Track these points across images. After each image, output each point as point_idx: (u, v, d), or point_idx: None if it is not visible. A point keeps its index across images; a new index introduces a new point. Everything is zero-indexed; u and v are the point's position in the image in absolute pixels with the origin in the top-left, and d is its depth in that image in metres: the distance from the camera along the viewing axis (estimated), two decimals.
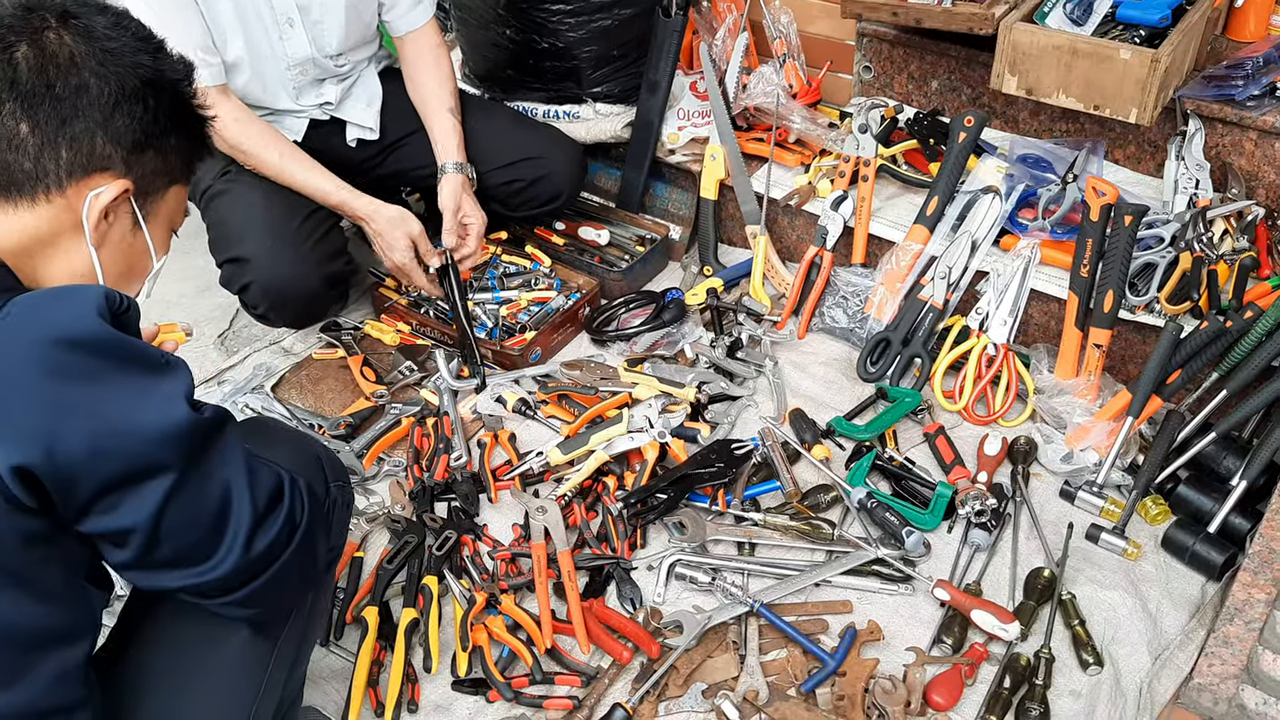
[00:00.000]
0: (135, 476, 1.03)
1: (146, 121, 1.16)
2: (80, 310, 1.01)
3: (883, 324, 2.40)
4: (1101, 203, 2.12)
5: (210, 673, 1.29)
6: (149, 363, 1.06)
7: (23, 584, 1.04)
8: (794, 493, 2.04)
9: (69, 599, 1.11)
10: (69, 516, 1.03)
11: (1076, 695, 1.75)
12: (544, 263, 2.64)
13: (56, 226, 1.14)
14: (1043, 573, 1.90)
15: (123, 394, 1.02)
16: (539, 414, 2.27)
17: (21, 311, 1.01)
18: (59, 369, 0.99)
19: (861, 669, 1.74)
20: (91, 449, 1.00)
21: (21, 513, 1.00)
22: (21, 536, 1.02)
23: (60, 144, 1.11)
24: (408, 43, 2.44)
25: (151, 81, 1.16)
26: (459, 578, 1.91)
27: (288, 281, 2.25)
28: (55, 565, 1.07)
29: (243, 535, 1.11)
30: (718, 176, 2.67)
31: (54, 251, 1.15)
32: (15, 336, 0.99)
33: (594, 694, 1.73)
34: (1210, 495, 1.99)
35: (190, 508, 1.07)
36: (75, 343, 1.00)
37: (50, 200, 1.12)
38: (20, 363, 0.98)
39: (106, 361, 1.02)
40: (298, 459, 1.38)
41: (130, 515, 1.04)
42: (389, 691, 1.71)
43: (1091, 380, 2.19)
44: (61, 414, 0.99)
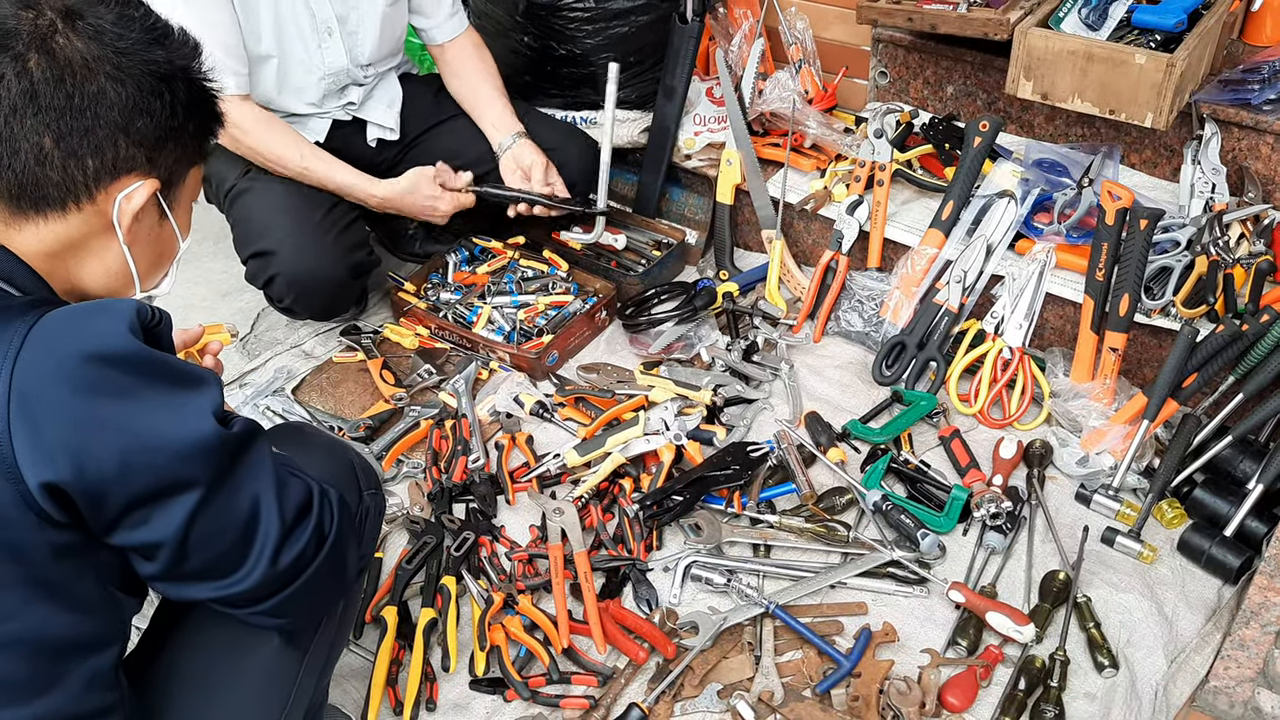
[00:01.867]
0: (163, 492, 1.04)
1: (165, 116, 1.15)
2: (112, 326, 1.01)
3: (898, 327, 2.40)
4: (1117, 206, 2.12)
5: (241, 680, 1.30)
6: (179, 378, 1.06)
7: (55, 595, 1.05)
8: (809, 495, 2.05)
9: (101, 608, 1.11)
10: (98, 530, 1.04)
11: (1091, 698, 1.75)
12: (561, 267, 2.66)
13: (87, 230, 1.14)
14: (1058, 575, 1.90)
15: (152, 410, 1.03)
16: (556, 416, 2.29)
17: (53, 326, 1.00)
18: (90, 385, 0.99)
19: (876, 670, 1.75)
20: (121, 465, 1.01)
21: (52, 526, 1.01)
22: (52, 549, 1.02)
23: (85, 154, 1.10)
24: (448, 50, 2.51)
25: (166, 76, 1.14)
26: (477, 578, 1.93)
27: (313, 272, 2.30)
28: (87, 576, 1.08)
29: (270, 548, 1.11)
30: (734, 181, 2.69)
31: (86, 254, 1.15)
32: (46, 352, 0.99)
33: (610, 694, 1.75)
34: (1227, 499, 1.99)
35: (218, 521, 1.08)
36: (106, 358, 1.00)
37: (81, 209, 1.12)
38: (51, 379, 0.98)
39: (137, 377, 1.02)
40: (332, 466, 1.39)
41: (158, 530, 1.05)
42: (408, 690, 1.73)
43: (1107, 384, 2.19)
44: (92, 431, 0.99)
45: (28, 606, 1.03)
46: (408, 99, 2.53)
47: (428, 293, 2.61)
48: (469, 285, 2.63)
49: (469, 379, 2.36)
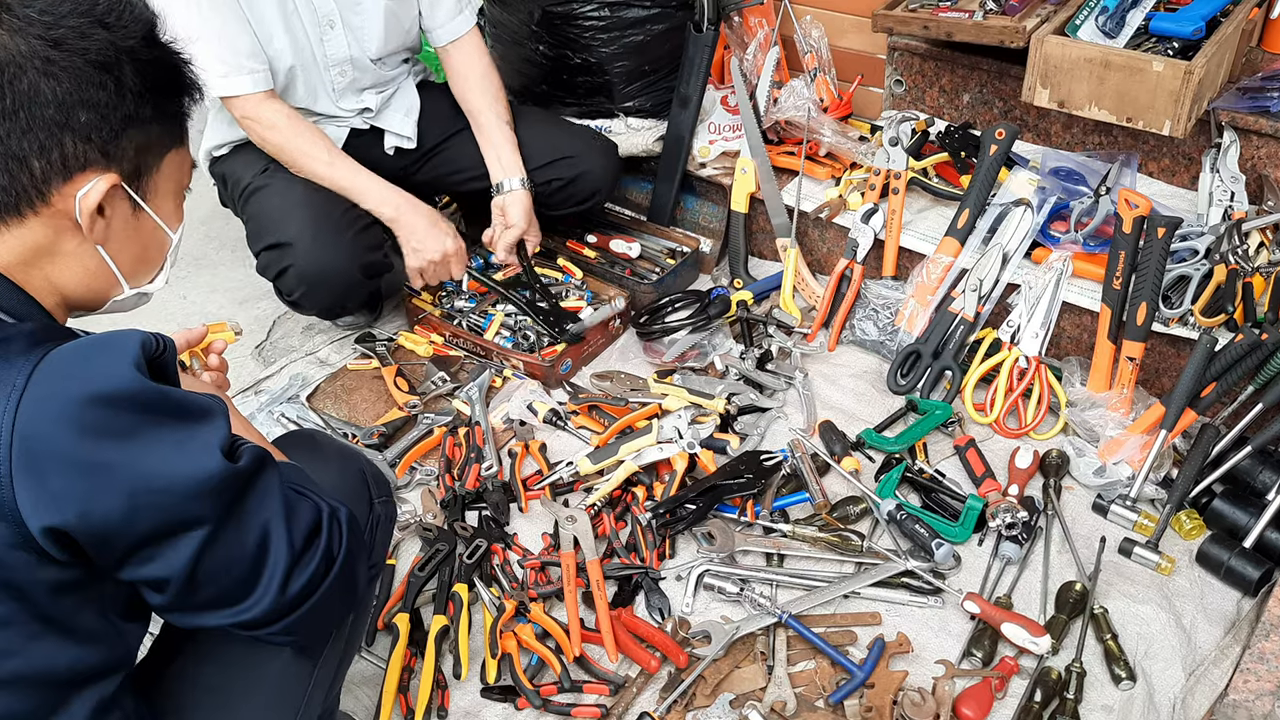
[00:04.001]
0: (171, 531, 1.02)
1: (113, 105, 1.07)
2: (116, 364, 0.98)
3: (913, 336, 2.39)
4: (1134, 215, 2.11)
5: (252, 692, 1.29)
6: (185, 412, 1.03)
7: (58, 629, 1.04)
8: (823, 504, 2.04)
9: (105, 638, 1.10)
10: (104, 567, 1.03)
11: (1109, 710, 1.73)
12: (575, 275, 2.66)
13: (54, 234, 1.08)
14: (1074, 586, 1.88)
15: (158, 448, 1.00)
16: (569, 424, 2.29)
17: (56, 367, 0.97)
18: (95, 428, 0.96)
19: (890, 681, 1.74)
20: (127, 509, 0.98)
21: (52, 564, 0.99)
22: (52, 586, 1.00)
23: (28, 156, 1.03)
24: (452, 53, 2.49)
25: (107, 63, 1.05)
26: (489, 586, 1.93)
27: (327, 267, 2.29)
28: (89, 609, 1.06)
29: (279, 576, 1.09)
30: (748, 190, 2.68)
31: (61, 258, 1.10)
32: (50, 395, 0.95)
33: (622, 703, 1.74)
34: (1246, 510, 1.97)
35: (226, 554, 1.06)
36: (111, 399, 0.97)
37: (38, 213, 1.06)
38: (54, 423, 0.95)
39: (142, 416, 0.99)
40: (343, 475, 1.39)
41: (166, 566, 1.03)
42: (419, 698, 1.72)
43: (1124, 393, 2.17)
44: (97, 477, 0.97)
45: (31, 642, 1.02)
46: (425, 107, 2.54)
47: (442, 300, 2.62)
48: (483, 293, 2.63)
49: (482, 387, 2.36)
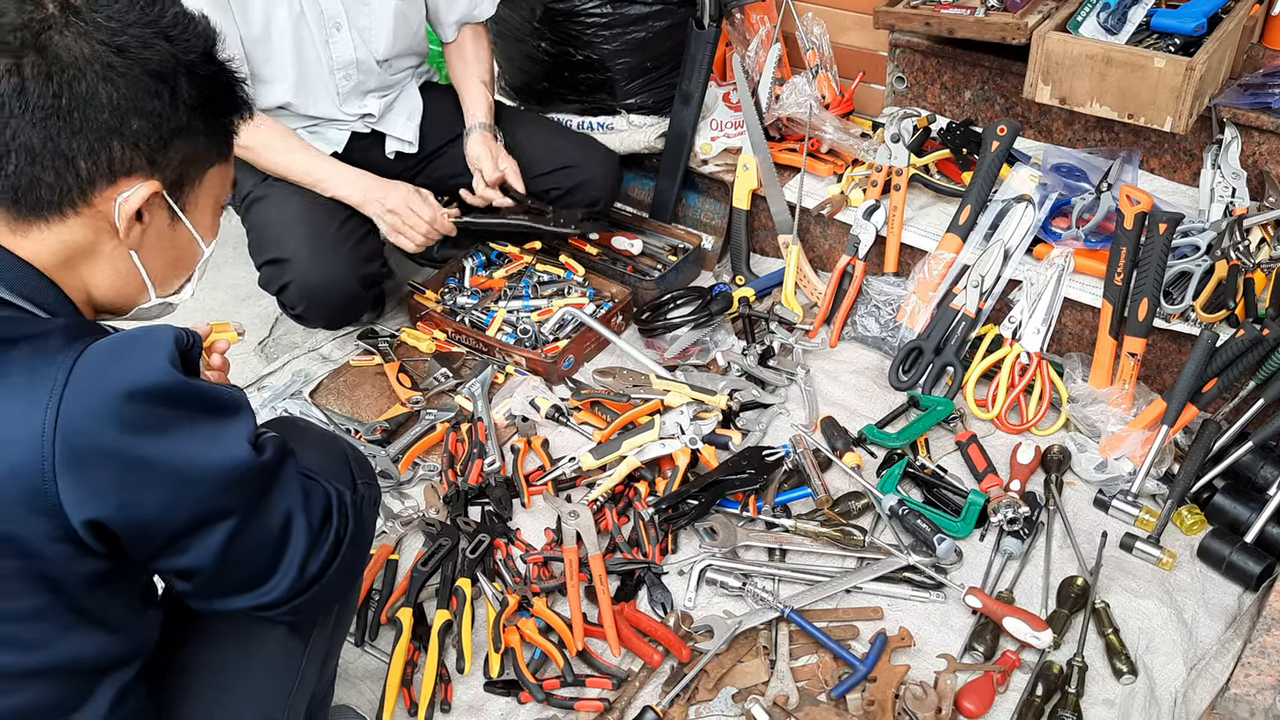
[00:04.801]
0: (205, 522, 1.06)
1: (165, 115, 1.09)
2: (152, 359, 1.01)
3: (915, 332, 2.40)
4: (1136, 211, 2.11)
5: (249, 667, 1.32)
6: (217, 406, 1.06)
7: (89, 621, 1.07)
8: (825, 499, 2.04)
9: (131, 627, 1.14)
10: (139, 559, 1.06)
11: (1110, 704, 1.74)
12: (578, 272, 2.67)
13: (93, 235, 1.10)
14: (1076, 581, 1.89)
15: (193, 441, 1.03)
16: (572, 420, 2.30)
17: (95, 362, 0.99)
18: (134, 424, 0.99)
19: (892, 675, 1.74)
20: (166, 501, 1.02)
21: (90, 557, 1.02)
22: (87, 578, 1.03)
23: (76, 157, 1.05)
24: (462, 33, 2.53)
25: (163, 74, 1.08)
26: (492, 580, 1.94)
27: (326, 282, 2.31)
28: (119, 599, 1.10)
29: (298, 560, 1.15)
30: (750, 186, 2.69)
31: (95, 259, 1.12)
32: (90, 391, 0.98)
33: (624, 696, 1.74)
34: (1247, 505, 1.97)
35: (253, 542, 1.11)
36: (149, 394, 1.00)
37: (79, 213, 1.08)
38: (96, 418, 0.97)
39: (178, 410, 1.02)
40: (326, 458, 1.41)
41: (197, 557, 1.08)
42: (422, 691, 1.73)
43: (1126, 389, 2.18)
44: (137, 470, 1.00)
45: (65, 634, 1.05)
46: (427, 111, 2.53)
47: (444, 297, 2.62)
48: (485, 290, 2.64)
49: (485, 383, 2.37)
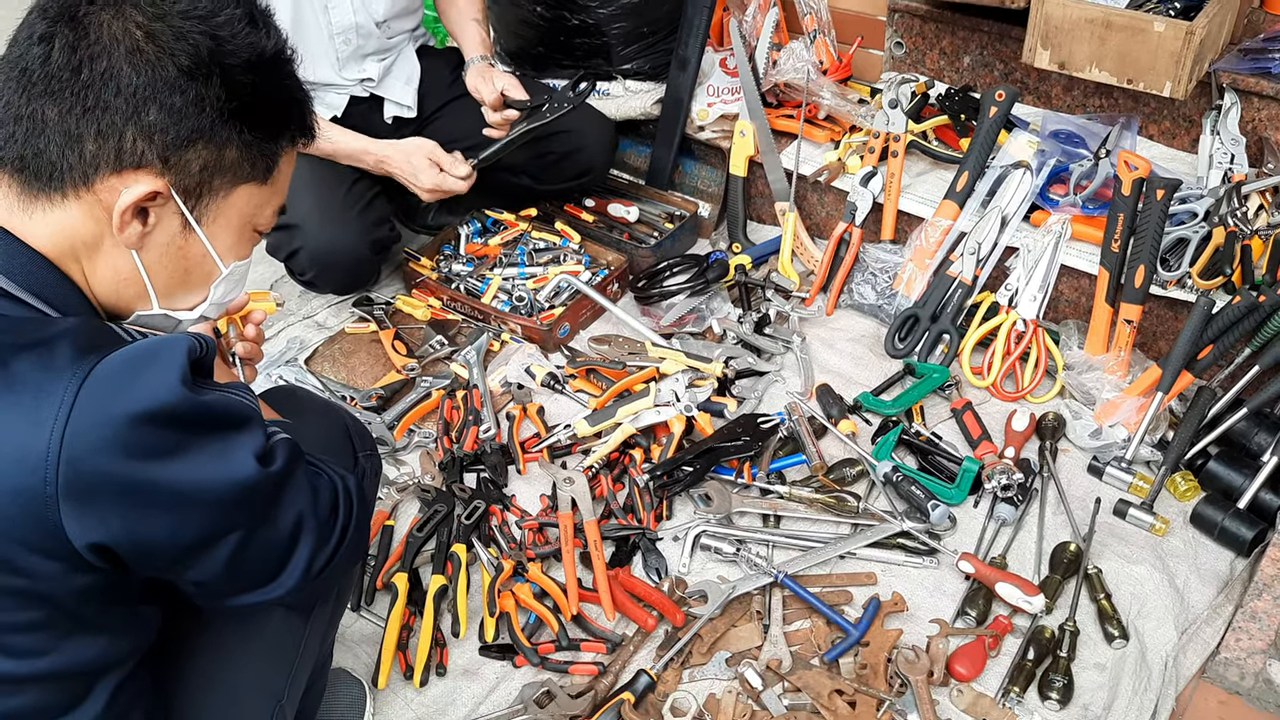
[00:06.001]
0: (210, 540, 1.04)
1: (186, 114, 1.04)
2: (164, 379, 0.96)
3: (911, 300, 2.39)
4: (1133, 177, 2.10)
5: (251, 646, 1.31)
6: (225, 423, 1.03)
7: (87, 628, 1.05)
8: (819, 466, 2.05)
9: (130, 628, 1.12)
10: (143, 574, 1.05)
11: (1101, 668, 1.75)
12: (573, 239, 2.66)
13: (94, 226, 1.06)
14: (1069, 547, 1.90)
15: (201, 461, 1.00)
16: (567, 388, 2.30)
17: (102, 383, 0.94)
18: (140, 448, 0.96)
19: (885, 639, 1.75)
20: (172, 524, 1.00)
21: (88, 572, 0.99)
22: (80, 592, 1.01)
23: (85, 136, 1.02)
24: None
25: (193, 70, 1.03)
26: (487, 546, 1.94)
27: (336, 248, 2.31)
28: (117, 605, 1.08)
29: (305, 557, 1.13)
30: (747, 153, 2.67)
31: (98, 254, 1.08)
32: (96, 413, 0.93)
33: (619, 660, 1.75)
34: (1241, 471, 1.97)
35: (261, 549, 1.09)
36: (157, 417, 0.96)
37: (80, 197, 1.04)
38: (101, 444, 0.93)
39: (187, 432, 0.99)
40: (327, 431, 1.40)
41: (203, 571, 1.06)
42: (418, 655, 1.74)
43: (1122, 356, 2.18)
44: (144, 496, 0.97)
45: (63, 641, 1.03)
46: (425, 75, 2.52)
47: (440, 264, 2.62)
48: (481, 257, 2.63)
49: (480, 350, 2.36)
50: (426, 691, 1.73)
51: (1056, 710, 1.68)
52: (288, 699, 1.32)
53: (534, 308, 2.47)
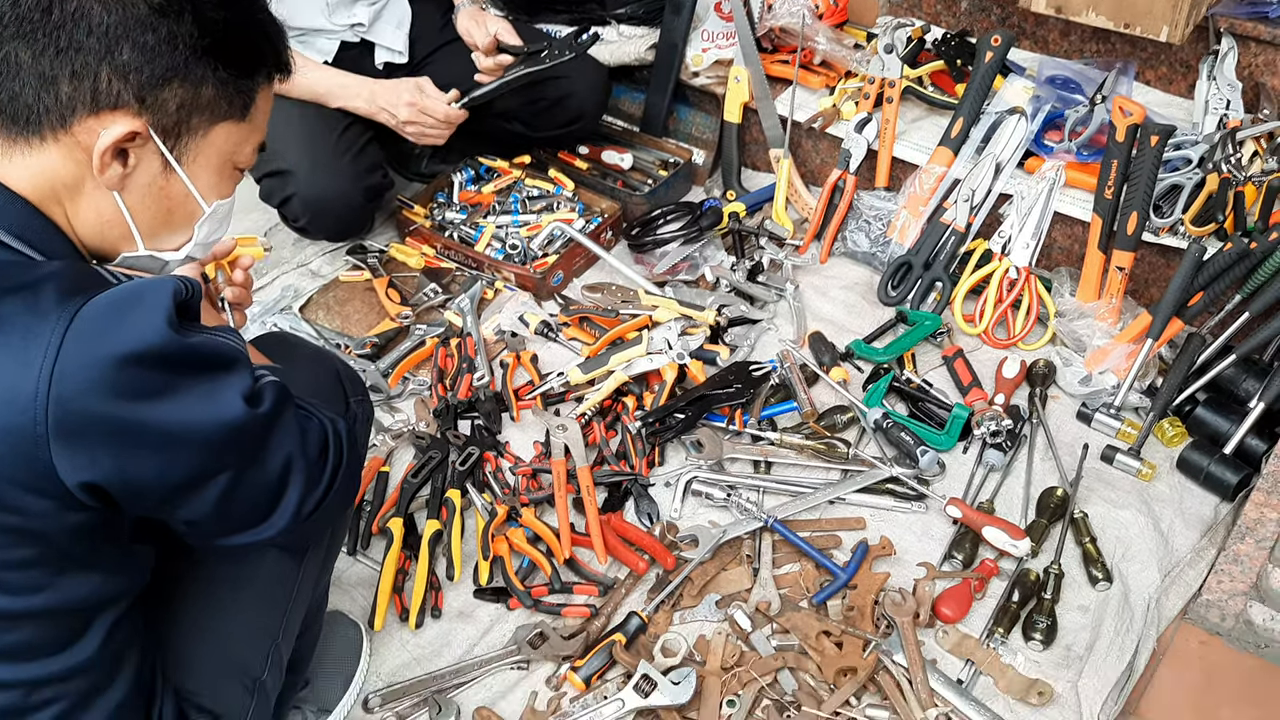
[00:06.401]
0: (199, 480, 1.06)
1: (160, 52, 1.04)
2: (150, 321, 0.97)
3: (905, 248, 2.39)
4: (1128, 123, 2.09)
5: (244, 586, 1.34)
6: (212, 364, 1.04)
7: (80, 565, 1.07)
8: (810, 413, 2.06)
9: (123, 566, 1.14)
10: (134, 513, 1.06)
11: (1084, 610, 1.78)
12: (567, 186, 2.65)
13: (75, 169, 1.07)
14: (1055, 492, 1.92)
15: (189, 403, 1.01)
16: (560, 336, 2.31)
17: (89, 324, 0.95)
18: (128, 389, 0.97)
19: (872, 582, 1.78)
20: (161, 464, 1.02)
21: (80, 511, 1.01)
22: (72, 530, 1.02)
23: (60, 77, 1.02)
24: None
25: (164, 8, 1.04)
26: (481, 492, 1.97)
27: (328, 194, 2.31)
28: (109, 543, 1.10)
29: (296, 498, 1.14)
30: (742, 99, 2.65)
31: (80, 197, 1.09)
32: (83, 355, 0.94)
33: (611, 603, 1.79)
34: (1228, 417, 1.99)
35: (251, 490, 1.11)
36: (144, 359, 0.97)
37: (58, 139, 1.05)
38: (89, 385, 0.95)
39: (173, 373, 1.00)
40: (318, 376, 1.41)
41: (192, 510, 1.08)
42: (413, 598, 1.77)
43: (1113, 303, 2.18)
44: (133, 436, 0.99)
45: (58, 578, 1.05)
46: (416, 20, 2.50)
47: (433, 212, 2.61)
48: (474, 205, 2.63)
49: (474, 298, 2.37)
50: (422, 633, 1.76)
51: (1039, 650, 1.71)
52: (283, 639, 1.35)
53: (527, 256, 2.47)
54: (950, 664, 1.70)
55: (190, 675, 1.26)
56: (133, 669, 1.16)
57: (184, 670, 1.26)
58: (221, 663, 1.30)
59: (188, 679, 1.26)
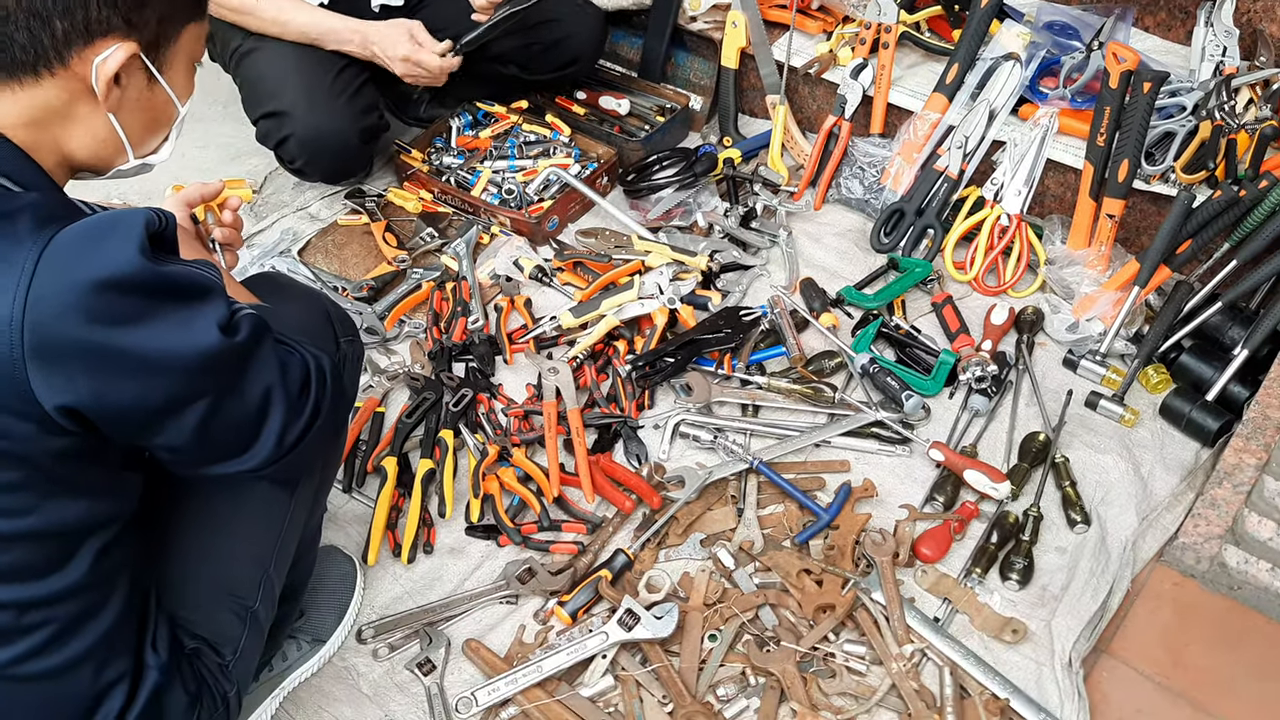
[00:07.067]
0: (179, 404, 1.08)
1: None
2: (122, 249, 1.00)
3: (898, 195, 2.40)
4: (1121, 69, 2.08)
5: (236, 516, 1.38)
6: (186, 293, 1.06)
7: (67, 488, 1.10)
8: (799, 358, 2.09)
9: (110, 491, 1.18)
10: (115, 438, 1.09)
11: (1061, 551, 1.82)
12: (564, 132, 2.65)
13: (69, 97, 1.10)
14: (1038, 436, 1.95)
15: (163, 329, 1.04)
16: (554, 280, 2.33)
17: (63, 250, 0.99)
18: (103, 314, 1.00)
19: (854, 523, 1.82)
20: (138, 389, 1.04)
21: (62, 435, 1.04)
22: (55, 453, 1.06)
23: (51, 16, 1.04)
24: None
25: None
26: (474, 432, 2.01)
27: (326, 134, 2.33)
28: (94, 467, 1.13)
29: (277, 430, 1.17)
30: (739, 45, 2.65)
31: (71, 122, 1.12)
32: (59, 281, 0.97)
33: (598, 540, 1.83)
34: (1212, 364, 2.01)
35: (231, 419, 1.13)
36: (118, 285, 1.00)
37: (55, 75, 1.08)
38: (63, 310, 0.98)
39: (148, 300, 1.03)
40: (308, 315, 1.44)
41: (175, 435, 1.10)
42: (406, 534, 1.82)
43: (1103, 251, 2.19)
44: (108, 361, 1.01)
45: (45, 500, 1.09)
46: None
47: (431, 157, 2.63)
48: (472, 150, 2.64)
49: (470, 243, 2.39)
50: (414, 568, 1.82)
51: (1015, 590, 1.75)
52: (274, 569, 1.39)
53: (523, 201, 2.49)
54: (928, 602, 1.74)
55: (183, 603, 1.31)
56: (124, 595, 1.20)
57: (177, 598, 1.30)
58: (214, 590, 1.34)
59: (181, 606, 1.30)
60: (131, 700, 1.20)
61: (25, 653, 1.12)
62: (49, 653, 1.13)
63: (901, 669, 1.62)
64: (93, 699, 1.18)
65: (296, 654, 1.64)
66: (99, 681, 1.17)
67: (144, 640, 1.23)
